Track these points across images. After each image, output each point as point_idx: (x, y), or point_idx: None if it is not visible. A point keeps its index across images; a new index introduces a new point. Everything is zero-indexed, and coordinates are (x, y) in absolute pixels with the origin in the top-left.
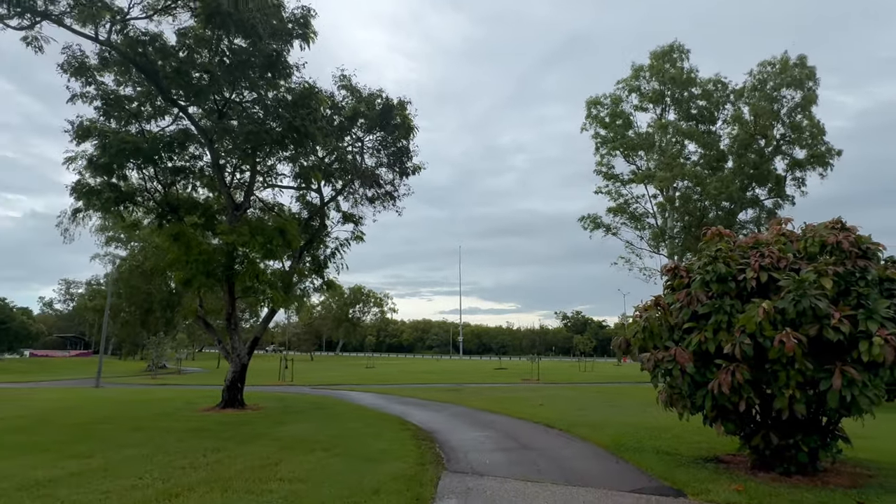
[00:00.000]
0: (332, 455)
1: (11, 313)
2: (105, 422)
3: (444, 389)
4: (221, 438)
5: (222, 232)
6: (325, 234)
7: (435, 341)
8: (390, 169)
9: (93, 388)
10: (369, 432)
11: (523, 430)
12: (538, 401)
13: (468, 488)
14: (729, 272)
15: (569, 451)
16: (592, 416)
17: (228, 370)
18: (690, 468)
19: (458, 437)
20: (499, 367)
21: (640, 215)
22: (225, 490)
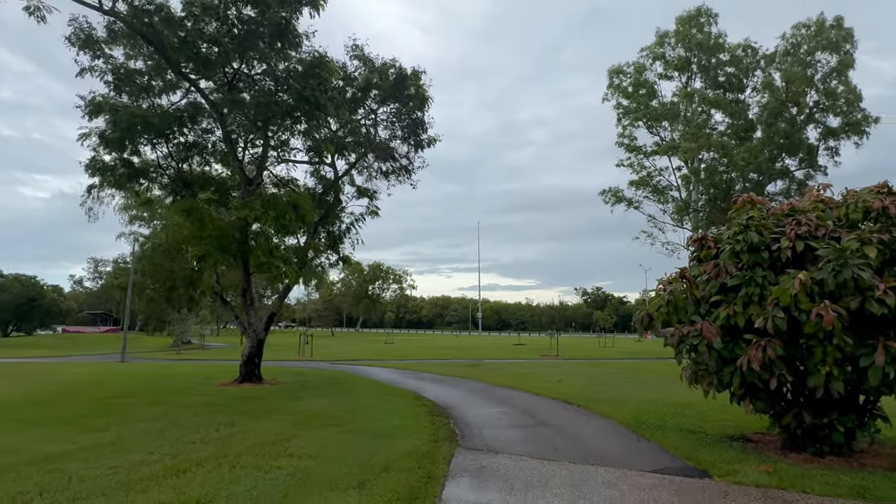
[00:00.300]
0: (344, 431)
1: (42, 291)
2: (125, 396)
3: (461, 365)
4: (236, 413)
5: (235, 207)
6: (340, 210)
7: (454, 317)
8: (405, 142)
9: (118, 363)
10: (384, 408)
11: (541, 406)
12: (556, 377)
13: (482, 466)
14: (762, 241)
15: (587, 428)
16: (612, 393)
17: (245, 345)
18: (716, 447)
19: (473, 413)
20: (518, 342)
21: (664, 188)
22: (233, 466)
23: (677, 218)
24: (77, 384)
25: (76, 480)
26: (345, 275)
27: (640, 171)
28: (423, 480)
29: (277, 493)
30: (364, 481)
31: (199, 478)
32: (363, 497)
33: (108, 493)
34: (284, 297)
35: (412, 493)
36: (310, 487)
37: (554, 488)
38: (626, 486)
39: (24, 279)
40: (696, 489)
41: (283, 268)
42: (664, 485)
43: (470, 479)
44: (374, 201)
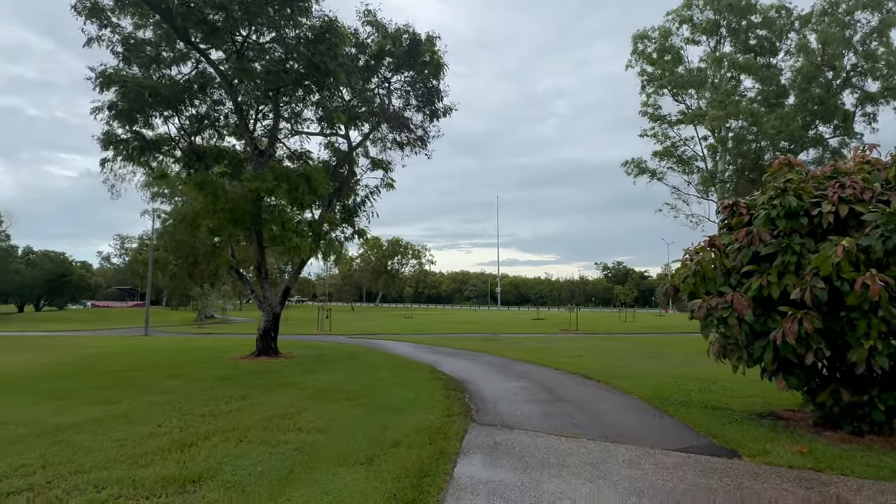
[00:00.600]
0: (356, 405)
1: (71, 267)
2: (142, 369)
3: (479, 339)
4: (248, 386)
5: (246, 179)
6: (355, 182)
7: (473, 292)
8: (419, 111)
9: (141, 337)
10: (398, 382)
11: (559, 381)
12: (576, 351)
13: (496, 443)
14: (800, 206)
15: (607, 404)
16: (633, 367)
17: (261, 319)
18: (744, 425)
19: (489, 387)
20: (537, 317)
21: (689, 159)
22: (240, 440)
23: (702, 189)
24: (99, 357)
25: (81, 452)
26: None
27: (664, 142)
28: (434, 457)
29: (283, 469)
30: (373, 457)
31: (205, 451)
32: (371, 473)
33: (110, 466)
34: (300, 272)
35: (422, 471)
36: (316, 463)
37: (571, 467)
38: (649, 466)
39: (53, 256)
40: (723, 470)
41: (295, 241)
42: (689, 464)
43: (483, 457)
44: (389, 173)
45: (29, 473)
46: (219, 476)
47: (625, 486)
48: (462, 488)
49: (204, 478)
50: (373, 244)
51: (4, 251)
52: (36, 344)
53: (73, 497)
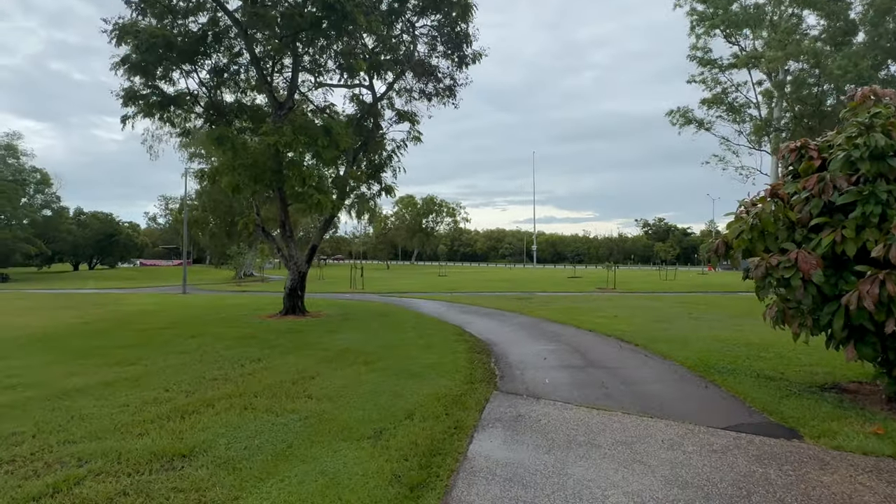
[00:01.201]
0: (373, 369)
1: (119, 227)
2: (171, 327)
3: (512, 298)
4: (268, 347)
5: (264, 133)
6: (380, 136)
7: (508, 250)
8: (447, 58)
9: (179, 295)
10: (422, 343)
11: (593, 344)
12: (612, 311)
13: (519, 415)
14: (890, 146)
15: (646, 371)
16: (675, 330)
17: (287, 278)
18: (804, 399)
19: (517, 350)
20: (572, 275)
21: (740, 106)
22: (245, 408)
23: (755, 139)
24: (135, 314)
25: (77, 420)
26: (398, 208)
27: (713, 88)
28: (449, 431)
29: (282, 443)
30: (382, 430)
31: (205, 420)
32: (376, 450)
33: (102, 436)
34: (326, 229)
35: (433, 448)
36: (319, 436)
37: (603, 447)
38: (693, 447)
39: (101, 216)
40: (782, 455)
41: (317, 197)
42: (741, 447)
43: (503, 431)
44: (416, 126)
45: (17, 443)
46: (212, 450)
47: (664, 473)
48: (476, 472)
49: (195, 452)
50: (407, 202)
51: (56, 212)
52: (83, 301)
53: (50, 472)
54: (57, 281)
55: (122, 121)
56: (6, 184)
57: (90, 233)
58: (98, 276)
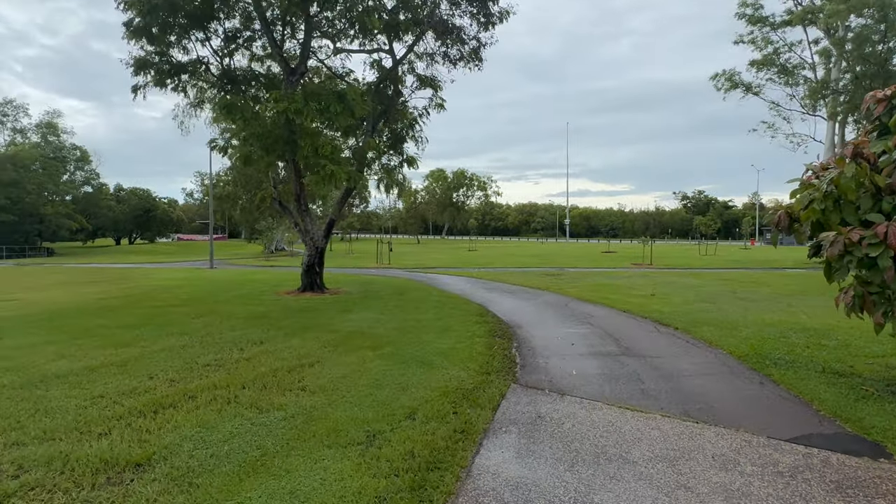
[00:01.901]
0: (380, 355)
1: (155, 202)
2: (184, 304)
3: (541, 274)
4: (275, 328)
5: (274, 99)
6: (402, 103)
7: (540, 224)
8: (472, 17)
9: (206, 270)
10: (439, 325)
11: (627, 327)
12: (649, 289)
13: (538, 416)
14: None
15: (688, 361)
16: (719, 312)
17: (304, 254)
18: (886, 403)
19: (543, 334)
20: (607, 250)
21: (793, 68)
22: (228, 402)
23: (809, 103)
24: (154, 290)
25: (40, 414)
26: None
27: (764, 48)
28: (453, 437)
29: (256, 449)
30: (376, 433)
31: (179, 417)
32: (364, 461)
33: (58, 437)
34: (344, 202)
35: (432, 459)
36: (302, 440)
37: (638, 463)
38: (752, 467)
39: (139, 192)
40: (869, 482)
41: (330, 167)
42: (814, 468)
43: (518, 438)
44: (439, 92)
45: None
46: (172, 458)
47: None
48: (479, 495)
49: (153, 460)
50: (437, 176)
51: (96, 189)
52: (113, 276)
53: None
54: (98, 255)
55: (132, 90)
56: (47, 161)
57: (128, 209)
58: (137, 250)
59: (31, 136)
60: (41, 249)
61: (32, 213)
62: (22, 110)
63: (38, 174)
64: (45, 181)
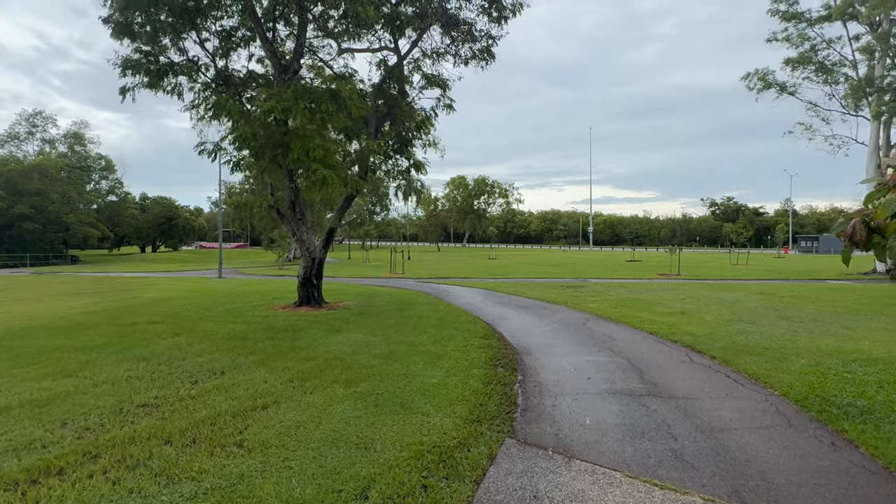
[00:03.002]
0: (351, 394)
1: (178, 210)
2: (163, 321)
3: (561, 286)
4: (246, 353)
5: (262, 99)
6: (408, 104)
7: (563, 232)
8: (484, 12)
9: (213, 279)
10: (434, 351)
11: (654, 355)
12: (678, 305)
13: (535, 496)
14: None
15: (732, 406)
16: (761, 335)
17: (300, 265)
18: None
19: (554, 363)
20: (631, 258)
21: (832, 66)
22: (135, 466)
23: (851, 103)
24: (144, 303)
25: None
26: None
27: (800, 45)
28: None
29: None
30: None
31: (55, 495)
32: None
33: None
34: (345, 210)
35: None
36: None
37: None
38: None
39: (162, 200)
40: None
41: (322, 172)
42: None
43: None
44: (447, 91)
45: None
46: None
47: None
48: None
49: None
50: (458, 183)
51: (120, 198)
52: (117, 286)
53: None
54: (118, 264)
55: (120, 92)
56: (72, 170)
57: (151, 217)
58: (157, 258)
59: (58, 146)
60: (66, 257)
61: (57, 222)
62: (51, 121)
63: (62, 183)
64: (68, 190)
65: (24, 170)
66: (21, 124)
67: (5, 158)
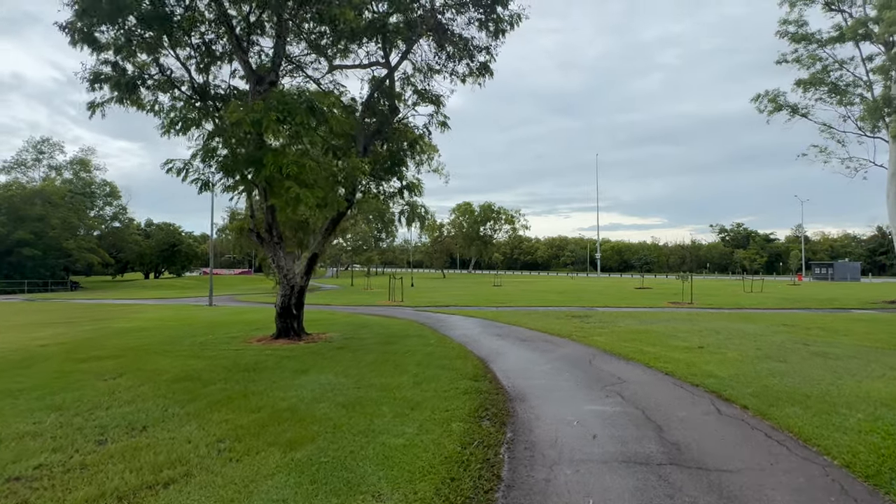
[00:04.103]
0: (287, 464)
1: (181, 237)
2: (119, 356)
3: (566, 315)
4: (186, 400)
5: (230, 111)
6: (399, 121)
7: (570, 258)
8: (481, 26)
9: (200, 307)
10: (410, 397)
11: (673, 403)
12: (695, 338)
13: None
14: None
15: (783, 487)
16: (798, 376)
17: (278, 294)
18: None
19: (553, 413)
20: (640, 285)
21: (846, 87)
22: None
23: (869, 122)
24: (113, 333)
25: None
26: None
27: (811, 66)
28: None
29: None
30: None
31: None
32: None
33: None
34: (330, 233)
35: None
36: None
37: None
38: None
39: (165, 227)
40: None
41: (295, 190)
42: None
43: None
44: (441, 108)
45: None
46: None
47: None
48: None
49: None
50: (464, 209)
51: (124, 224)
52: (98, 314)
53: None
54: (118, 290)
55: (88, 108)
56: (75, 196)
57: (154, 243)
58: (159, 284)
59: (64, 172)
60: (67, 284)
61: (57, 248)
62: (57, 148)
63: (64, 209)
64: (69, 216)
65: (27, 195)
66: (28, 151)
67: (7, 184)
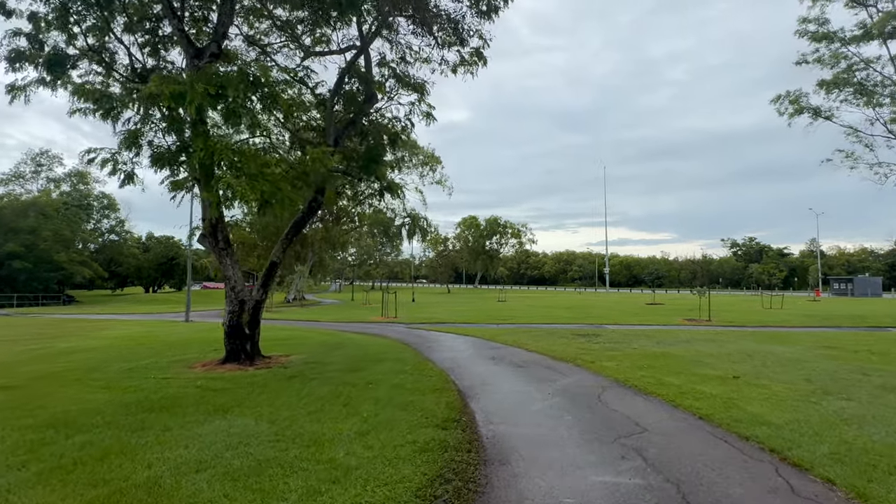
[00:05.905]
0: None
1: (179, 250)
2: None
3: (572, 334)
4: (17, 463)
5: (152, 82)
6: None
7: (578, 273)
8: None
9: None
10: (343, 459)
11: (719, 471)
12: (725, 364)
13: None
14: None
15: None
16: (883, 426)
17: (225, 310)
18: None
19: (545, 489)
20: (651, 301)
21: (873, 87)
22: None
23: None
24: (40, 357)
25: None
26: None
27: (834, 66)
28: None
29: None
30: None
31: None
32: None
33: None
34: (291, 240)
35: None
36: None
37: None
38: None
39: (163, 240)
40: None
41: (227, 179)
42: None
43: None
44: (425, 96)
45: None
46: None
47: None
48: None
49: None
50: (469, 223)
51: (121, 237)
52: (65, 330)
53: None
54: (109, 304)
55: (8, 91)
56: (70, 208)
57: (152, 256)
58: (154, 298)
59: (62, 185)
60: (60, 297)
61: (48, 261)
62: (57, 160)
63: (56, 221)
64: (61, 228)
65: (19, 207)
66: (27, 163)
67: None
